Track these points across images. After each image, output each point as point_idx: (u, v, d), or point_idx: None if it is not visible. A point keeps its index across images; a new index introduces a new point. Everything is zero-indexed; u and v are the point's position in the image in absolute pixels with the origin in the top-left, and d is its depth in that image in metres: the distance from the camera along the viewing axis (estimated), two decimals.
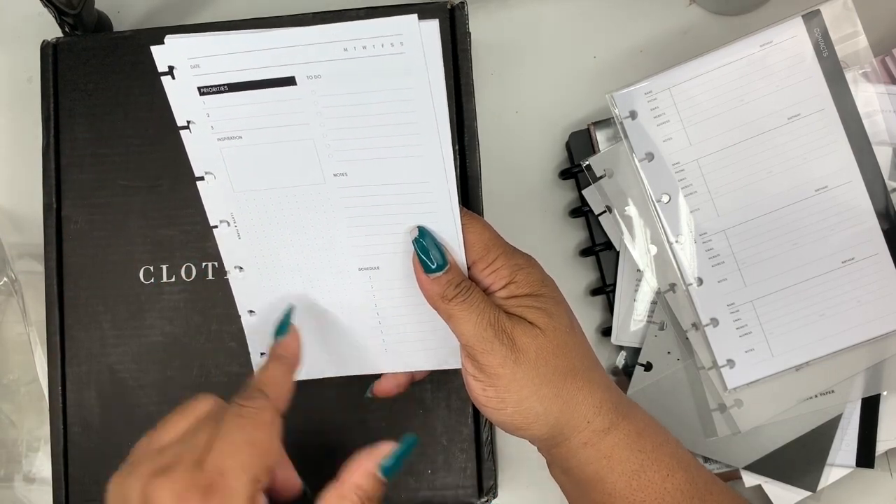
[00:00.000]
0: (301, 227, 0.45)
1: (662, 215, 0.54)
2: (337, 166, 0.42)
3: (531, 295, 0.43)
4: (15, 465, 0.59)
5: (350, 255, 0.45)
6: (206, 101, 0.41)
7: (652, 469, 0.43)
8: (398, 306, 0.46)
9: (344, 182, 0.43)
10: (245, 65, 0.40)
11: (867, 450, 0.54)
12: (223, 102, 0.41)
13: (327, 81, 0.40)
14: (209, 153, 0.43)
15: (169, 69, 0.41)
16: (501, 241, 0.44)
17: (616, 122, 0.55)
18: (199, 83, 0.41)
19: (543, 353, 0.42)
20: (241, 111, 0.41)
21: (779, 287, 0.54)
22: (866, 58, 0.53)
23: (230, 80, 0.41)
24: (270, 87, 0.40)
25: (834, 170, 0.53)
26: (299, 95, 0.40)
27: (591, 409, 0.42)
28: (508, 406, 0.42)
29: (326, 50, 0.39)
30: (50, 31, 0.57)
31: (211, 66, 0.40)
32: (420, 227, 0.43)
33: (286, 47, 0.39)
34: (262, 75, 0.40)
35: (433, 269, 0.42)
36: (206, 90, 0.41)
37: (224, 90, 0.41)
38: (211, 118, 0.42)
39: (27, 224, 0.60)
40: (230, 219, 0.45)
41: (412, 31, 0.38)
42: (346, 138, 0.42)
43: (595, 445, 0.43)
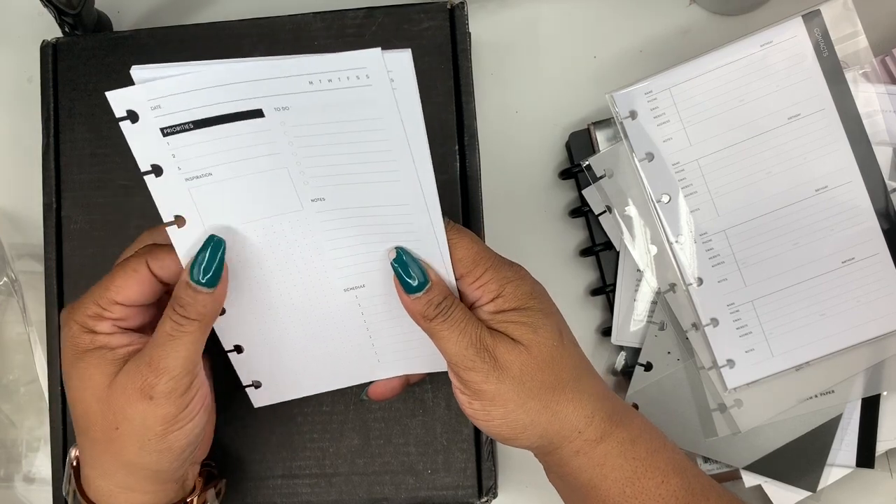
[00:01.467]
0: (282, 256, 0.44)
1: (662, 215, 0.54)
2: (314, 192, 0.42)
3: (518, 309, 0.42)
4: (15, 465, 0.59)
5: (334, 277, 0.45)
6: (169, 141, 0.40)
7: (646, 476, 0.43)
8: (387, 319, 0.46)
9: (322, 206, 0.42)
10: (210, 100, 0.39)
11: (867, 450, 0.54)
12: (189, 141, 0.40)
13: (296, 113, 0.39)
14: (178, 196, 0.41)
15: (129, 113, 0.39)
16: (490, 253, 0.43)
17: (616, 122, 0.55)
18: (162, 124, 0.39)
19: (528, 369, 0.42)
20: (208, 147, 0.40)
21: (779, 287, 0.54)
22: (866, 58, 0.53)
23: (194, 117, 0.39)
24: (237, 121, 0.39)
25: (834, 170, 0.53)
26: (268, 127, 0.39)
27: (582, 419, 0.42)
28: (495, 418, 0.42)
29: (292, 83, 0.38)
30: (50, 31, 0.57)
31: (173, 104, 0.39)
32: (398, 247, 0.43)
33: (251, 81, 0.38)
34: (228, 109, 0.39)
35: (414, 288, 0.42)
36: (170, 130, 0.40)
37: (189, 128, 0.39)
38: (177, 158, 0.40)
39: (27, 224, 0.60)
40: None
41: (377, 65, 0.37)
42: (320, 165, 0.41)
43: (587, 454, 0.43)
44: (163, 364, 0.41)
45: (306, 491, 0.52)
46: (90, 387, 0.42)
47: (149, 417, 0.41)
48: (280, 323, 0.46)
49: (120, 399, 0.42)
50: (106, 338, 0.43)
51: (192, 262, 0.42)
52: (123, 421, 0.42)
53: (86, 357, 0.42)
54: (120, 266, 0.43)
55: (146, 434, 0.42)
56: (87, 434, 0.43)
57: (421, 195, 0.41)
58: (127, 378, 0.42)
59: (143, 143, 0.40)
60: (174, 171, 0.41)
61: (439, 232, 0.42)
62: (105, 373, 0.42)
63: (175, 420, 0.42)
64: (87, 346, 0.43)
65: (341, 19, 0.54)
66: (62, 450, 0.53)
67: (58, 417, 0.53)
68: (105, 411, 0.42)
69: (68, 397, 0.44)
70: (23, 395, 0.59)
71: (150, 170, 0.41)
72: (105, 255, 0.54)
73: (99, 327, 0.43)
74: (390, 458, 0.52)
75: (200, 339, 0.42)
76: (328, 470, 0.52)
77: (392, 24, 0.53)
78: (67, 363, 0.43)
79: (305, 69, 0.38)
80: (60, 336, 0.44)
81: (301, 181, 0.41)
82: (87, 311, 0.43)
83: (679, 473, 0.43)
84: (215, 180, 0.41)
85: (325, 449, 0.52)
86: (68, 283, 0.54)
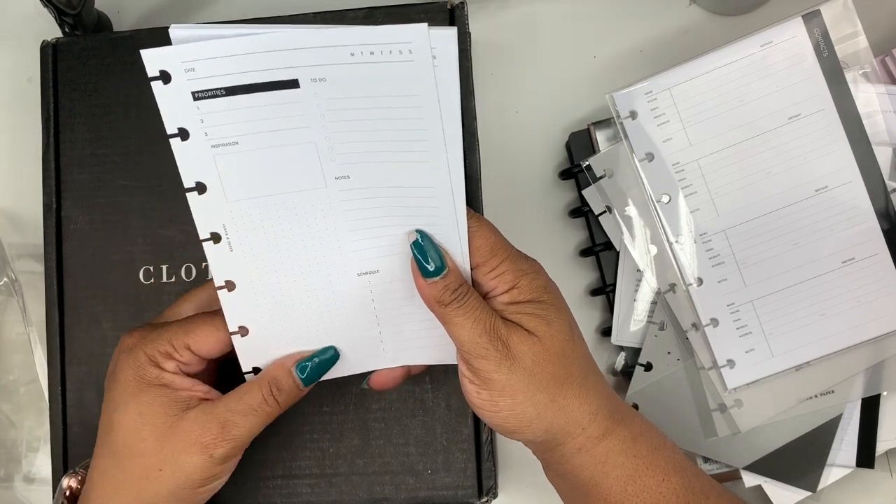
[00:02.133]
0: (299, 234, 0.43)
1: (662, 215, 0.54)
2: (339, 169, 0.41)
3: (532, 301, 0.43)
4: (15, 465, 0.59)
5: (349, 261, 0.44)
6: (200, 106, 0.39)
7: (647, 474, 0.43)
8: (397, 307, 0.46)
9: (346, 185, 0.42)
10: (245, 67, 0.38)
11: (867, 450, 0.54)
12: (219, 107, 0.39)
13: (332, 85, 0.39)
14: (201, 162, 0.41)
15: (161, 74, 0.39)
16: (507, 245, 0.44)
17: (616, 122, 0.55)
18: (194, 87, 0.39)
19: (539, 361, 0.42)
20: (238, 115, 0.40)
21: (779, 287, 0.54)
22: (866, 58, 0.53)
23: (228, 83, 0.39)
24: (271, 90, 0.39)
25: (834, 170, 0.53)
26: (302, 98, 0.39)
27: (587, 415, 0.42)
28: (502, 410, 0.42)
29: (333, 54, 0.38)
30: (50, 31, 0.57)
31: (207, 69, 0.38)
32: (419, 230, 0.43)
33: (290, 50, 0.38)
34: (263, 78, 0.39)
35: (431, 272, 0.42)
36: (202, 94, 0.39)
37: (221, 94, 0.39)
38: (205, 124, 0.40)
39: (27, 224, 0.60)
40: (222, 231, 0.43)
41: (422, 40, 0.37)
42: (349, 141, 0.41)
43: (589, 451, 0.43)
44: (235, 432, 0.43)
45: (306, 491, 0.52)
46: (150, 422, 0.43)
47: (197, 471, 0.43)
48: (288, 304, 0.45)
49: (178, 445, 0.43)
50: (171, 377, 0.44)
51: (305, 359, 0.45)
52: (172, 465, 0.43)
53: (150, 391, 0.43)
54: (204, 318, 0.45)
55: (186, 483, 0.43)
56: (121, 463, 0.44)
57: (448, 179, 0.41)
58: (194, 427, 0.43)
59: (172, 105, 0.40)
60: (201, 137, 0.40)
61: (461, 219, 0.42)
62: (168, 413, 0.43)
63: (215, 478, 0.45)
64: (152, 381, 0.44)
65: (341, 19, 0.54)
66: (62, 450, 0.53)
67: (58, 417, 0.53)
68: (158, 450, 0.43)
69: (117, 422, 0.44)
70: (23, 395, 0.59)
71: (177, 133, 0.40)
72: (105, 255, 0.54)
73: (166, 365, 0.44)
74: (390, 458, 0.52)
75: (268, 423, 0.45)
76: (328, 470, 0.52)
77: (392, 24, 0.53)
78: (127, 391, 0.44)
79: (349, 40, 0.37)
80: (121, 359, 0.45)
81: (328, 157, 0.41)
82: (160, 346, 0.44)
83: (679, 472, 0.43)
84: (241, 150, 0.41)
85: (325, 449, 0.52)
86: (68, 283, 0.54)
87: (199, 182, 0.42)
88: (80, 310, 0.53)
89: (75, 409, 0.53)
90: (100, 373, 0.53)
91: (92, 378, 0.53)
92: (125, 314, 0.53)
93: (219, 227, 0.43)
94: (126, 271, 0.54)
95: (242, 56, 0.38)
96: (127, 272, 0.54)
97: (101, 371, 0.53)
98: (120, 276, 0.53)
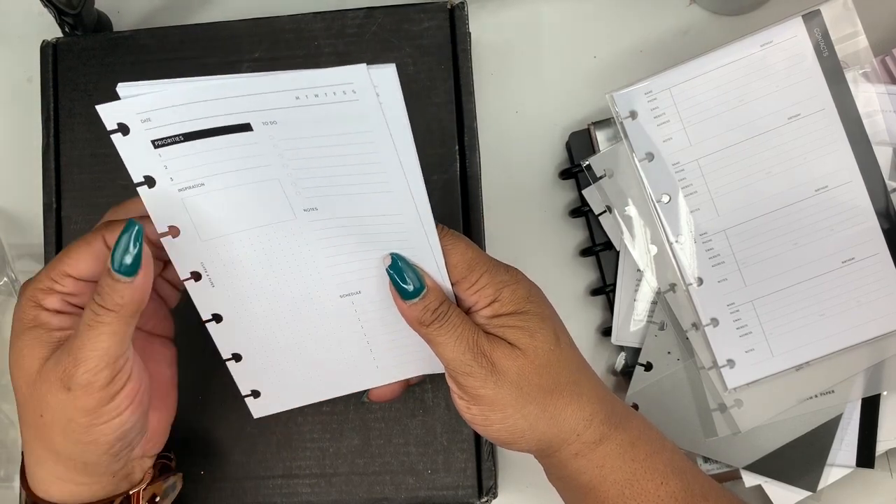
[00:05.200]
0: (276, 263, 0.44)
1: (662, 215, 0.54)
2: (306, 202, 0.42)
3: (515, 313, 0.42)
4: (15, 465, 0.58)
5: (330, 284, 0.45)
6: (161, 153, 0.40)
7: (645, 478, 0.43)
8: (384, 325, 0.46)
9: (315, 216, 0.42)
10: (198, 114, 0.39)
11: (867, 450, 0.54)
12: (180, 153, 0.40)
13: (283, 127, 0.39)
14: (171, 206, 0.42)
15: (119, 126, 0.39)
16: (485, 258, 0.43)
17: (616, 122, 0.55)
18: (153, 136, 0.40)
19: (525, 374, 0.42)
20: (199, 159, 0.40)
21: (779, 287, 0.54)
22: (866, 58, 0.53)
23: (184, 129, 0.39)
24: (227, 134, 0.39)
25: (834, 170, 0.53)
26: (257, 140, 0.40)
27: (581, 422, 0.42)
28: (494, 423, 0.42)
29: (278, 98, 0.38)
30: (50, 31, 0.57)
31: (163, 118, 0.39)
32: (393, 254, 0.43)
33: (237, 97, 0.38)
34: (217, 123, 0.39)
35: (410, 294, 0.42)
36: (161, 142, 0.40)
37: (179, 140, 0.40)
38: (169, 170, 0.41)
39: (27, 224, 0.60)
40: (201, 269, 0.44)
41: (363, 80, 0.37)
42: (312, 177, 0.41)
43: (586, 456, 0.43)
44: (81, 355, 0.40)
45: (306, 491, 0.52)
46: (22, 367, 0.41)
47: (68, 409, 0.40)
48: (277, 330, 0.46)
49: (43, 387, 0.41)
50: (48, 315, 0.42)
51: (112, 249, 0.40)
52: (46, 409, 0.41)
53: (24, 335, 0.41)
54: (77, 241, 0.42)
55: (69, 425, 0.41)
56: (21, 418, 0.43)
57: (412, 204, 0.41)
58: (51, 365, 0.41)
59: (134, 155, 0.40)
60: (167, 182, 0.41)
61: (432, 239, 0.42)
62: (37, 356, 0.41)
63: (98, 413, 0.41)
64: (29, 323, 0.42)
65: (341, 19, 0.54)
66: None
67: None
68: (32, 396, 0.41)
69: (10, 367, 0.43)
70: None
71: (143, 181, 0.41)
72: None
73: (47, 302, 0.42)
74: (390, 458, 0.52)
75: (121, 331, 0.40)
76: (328, 470, 0.52)
77: (392, 24, 0.53)
78: (11, 339, 0.42)
79: (292, 84, 0.38)
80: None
81: (293, 192, 0.41)
82: (40, 283, 0.42)
83: (678, 475, 0.43)
84: (208, 190, 0.41)
85: (325, 449, 0.52)
86: None
87: (171, 226, 0.42)
88: None
89: None
90: None
91: None
92: None
93: (197, 265, 0.44)
94: None
95: (194, 104, 0.39)
96: None
97: None
98: None
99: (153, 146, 0.40)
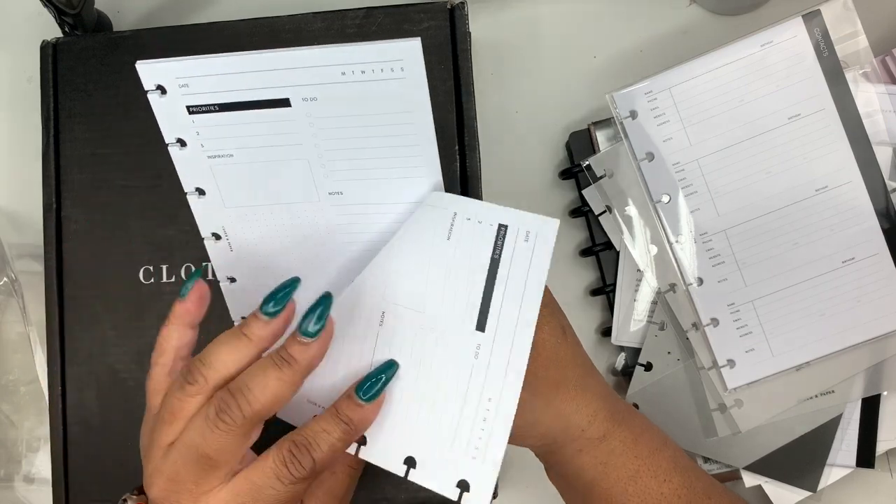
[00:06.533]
0: (294, 240, 0.44)
1: (662, 215, 0.54)
2: (332, 185, 0.42)
3: None
4: (15, 465, 0.58)
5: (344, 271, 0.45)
6: (195, 119, 0.40)
7: (648, 475, 0.43)
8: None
9: (339, 200, 0.42)
10: (236, 85, 0.39)
11: (867, 450, 0.54)
12: (213, 122, 0.40)
13: (323, 104, 0.39)
14: (199, 170, 0.42)
15: (157, 87, 0.39)
16: None
17: (616, 122, 0.55)
18: (189, 102, 0.40)
19: (532, 367, 0.41)
20: (231, 131, 0.40)
21: (779, 287, 0.54)
22: (866, 58, 0.53)
23: (220, 100, 0.39)
24: (263, 108, 0.39)
25: (834, 170, 0.53)
26: (293, 117, 0.39)
27: (585, 418, 0.42)
28: None
29: (323, 73, 0.38)
30: (50, 31, 0.57)
31: (200, 85, 0.39)
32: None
33: (281, 69, 0.38)
34: (255, 96, 0.39)
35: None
36: (196, 109, 0.40)
37: (214, 109, 0.40)
38: (200, 136, 0.41)
39: (27, 224, 0.60)
40: (222, 232, 0.44)
41: (415, 56, 0.36)
42: (342, 159, 0.41)
43: (590, 453, 0.43)
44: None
45: None
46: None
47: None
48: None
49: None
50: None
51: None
52: None
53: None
54: (224, 429, 0.38)
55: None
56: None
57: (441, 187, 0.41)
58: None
59: (169, 116, 0.40)
60: (197, 147, 0.41)
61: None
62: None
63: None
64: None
65: (341, 19, 0.54)
66: (62, 450, 0.53)
67: (58, 417, 0.53)
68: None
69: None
70: (23, 395, 0.59)
71: (175, 142, 0.41)
72: (105, 255, 0.54)
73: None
74: None
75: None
76: None
77: (392, 23, 0.53)
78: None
79: (339, 59, 0.37)
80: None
81: (321, 174, 0.41)
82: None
83: (681, 472, 0.43)
84: (236, 161, 0.41)
85: None
86: (68, 283, 0.54)
87: (198, 187, 0.43)
88: (80, 310, 0.53)
89: (75, 409, 0.53)
90: (100, 373, 0.53)
91: (92, 378, 0.53)
92: (125, 314, 0.53)
93: (218, 228, 0.44)
94: (126, 271, 0.53)
95: (234, 74, 0.38)
96: (127, 272, 0.53)
97: (101, 371, 0.53)
98: (120, 276, 0.53)
99: (188, 111, 0.40)
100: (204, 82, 0.39)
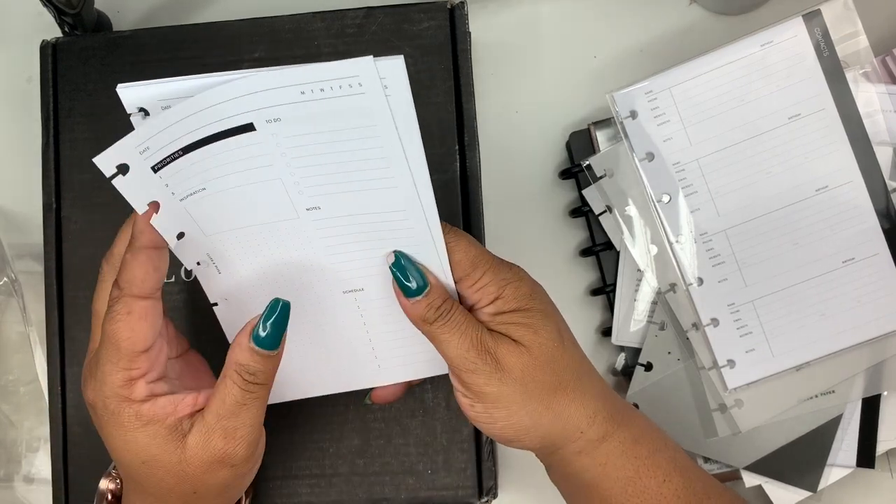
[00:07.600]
0: (280, 258, 0.44)
1: (663, 215, 0.54)
2: (308, 201, 0.41)
3: (518, 310, 0.42)
4: (15, 465, 0.58)
5: (333, 280, 0.45)
6: (161, 175, 0.40)
7: (648, 475, 0.43)
8: (387, 323, 0.46)
9: (318, 215, 0.42)
10: (198, 124, 0.38)
11: (867, 450, 0.54)
12: (179, 167, 0.40)
13: (287, 124, 0.39)
14: (175, 216, 0.42)
15: (119, 168, 0.39)
16: (488, 255, 0.43)
17: (616, 122, 0.55)
18: (152, 163, 0.39)
19: (529, 370, 0.41)
20: (199, 167, 0.40)
21: (779, 287, 0.54)
22: (867, 58, 0.53)
23: (183, 144, 0.39)
24: (228, 137, 0.39)
25: (834, 170, 0.53)
26: (260, 140, 0.39)
27: (584, 419, 0.42)
28: (498, 421, 0.42)
29: (283, 94, 0.37)
30: (50, 31, 0.57)
31: (160, 141, 0.39)
32: (396, 252, 0.43)
33: (241, 97, 0.38)
34: (218, 128, 0.39)
35: (413, 291, 0.42)
36: (160, 165, 0.40)
37: (179, 155, 0.39)
38: (170, 187, 0.40)
39: (27, 224, 0.60)
40: (207, 259, 0.44)
41: (369, 73, 0.36)
42: (314, 175, 0.40)
43: (590, 454, 0.43)
44: (239, 434, 0.41)
45: (306, 491, 0.52)
46: (159, 465, 0.41)
47: (229, 479, 0.43)
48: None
49: (198, 470, 0.41)
50: (148, 409, 0.41)
51: (255, 327, 0.41)
52: (202, 486, 0.42)
53: (140, 438, 0.41)
54: (113, 317, 0.41)
55: (223, 489, 0.43)
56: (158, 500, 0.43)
57: (418, 201, 0.41)
58: (203, 452, 0.41)
59: (136, 190, 0.40)
60: (168, 197, 0.41)
61: (437, 236, 0.42)
62: (168, 450, 0.41)
63: (249, 473, 0.44)
64: (136, 428, 0.41)
65: (341, 19, 0.54)
66: (62, 450, 0.53)
67: (58, 417, 0.53)
68: (181, 482, 0.42)
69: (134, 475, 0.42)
70: (23, 395, 0.59)
71: (148, 207, 0.41)
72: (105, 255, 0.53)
73: (136, 394, 0.41)
74: (390, 458, 0.52)
75: (267, 397, 0.43)
76: (328, 470, 0.52)
77: (392, 23, 0.53)
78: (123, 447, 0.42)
79: (297, 79, 0.37)
80: (97, 419, 0.42)
81: (296, 191, 0.41)
82: (115, 379, 0.41)
83: (681, 473, 0.43)
84: (209, 192, 0.41)
85: (325, 449, 0.52)
86: (68, 283, 0.54)
87: (179, 233, 0.43)
88: (80, 310, 0.53)
89: (75, 409, 0.53)
90: None
91: None
92: None
93: (203, 256, 0.44)
94: None
95: (194, 115, 0.38)
96: None
97: None
98: None
99: (153, 171, 0.40)
100: (162, 137, 0.39)
